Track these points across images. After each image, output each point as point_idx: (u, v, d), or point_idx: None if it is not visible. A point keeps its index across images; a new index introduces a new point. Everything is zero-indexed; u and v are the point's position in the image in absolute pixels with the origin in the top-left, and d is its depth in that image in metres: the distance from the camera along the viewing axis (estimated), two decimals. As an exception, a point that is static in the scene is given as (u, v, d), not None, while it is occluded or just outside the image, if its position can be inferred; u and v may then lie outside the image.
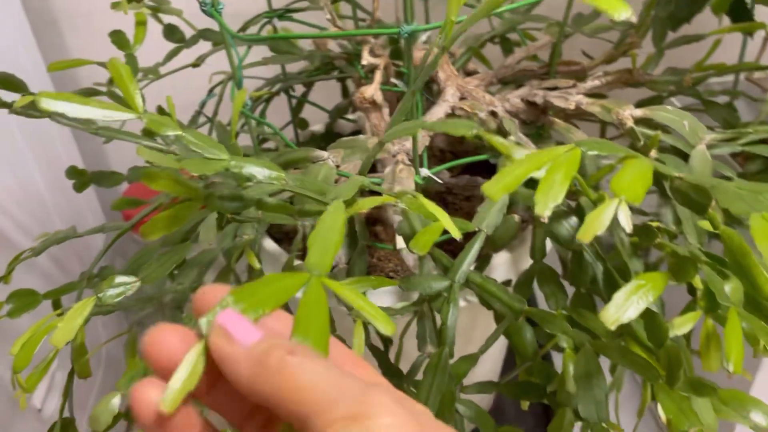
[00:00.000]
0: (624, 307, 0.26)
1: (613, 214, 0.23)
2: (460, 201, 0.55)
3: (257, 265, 0.41)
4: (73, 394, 0.44)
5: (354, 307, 0.24)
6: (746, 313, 0.30)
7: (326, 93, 0.65)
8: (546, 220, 0.23)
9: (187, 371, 0.21)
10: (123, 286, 0.36)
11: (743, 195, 0.24)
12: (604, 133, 0.56)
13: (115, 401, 0.36)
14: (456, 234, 0.31)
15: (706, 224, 0.38)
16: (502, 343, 0.62)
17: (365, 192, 0.39)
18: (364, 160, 0.43)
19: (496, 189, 0.25)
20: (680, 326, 0.31)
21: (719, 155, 0.43)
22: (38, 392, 0.61)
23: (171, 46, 0.57)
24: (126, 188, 0.74)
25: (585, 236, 0.22)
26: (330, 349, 0.21)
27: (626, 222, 0.23)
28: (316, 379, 0.19)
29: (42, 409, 0.61)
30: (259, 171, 0.35)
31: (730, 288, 0.29)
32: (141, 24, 0.49)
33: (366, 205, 0.34)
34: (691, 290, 0.36)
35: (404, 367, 0.41)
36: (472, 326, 0.52)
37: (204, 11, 0.39)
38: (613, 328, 0.25)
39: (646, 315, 0.32)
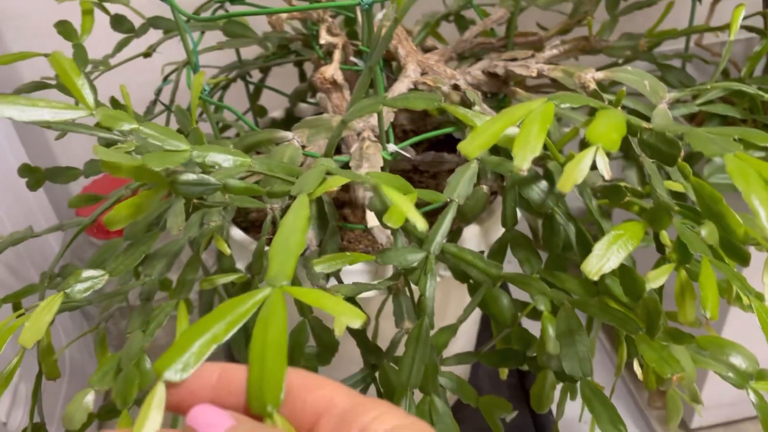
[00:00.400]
0: (605, 256, 0.26)
1: (591, 162, 0.23)
2: (427, 179, 0.55)
3: (228, 251, 0.40)
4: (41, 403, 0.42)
5: (320, 309, 0.23)
6: (718, 261, 0.31)
7: (283, 79, 0.64)
8: (525, 173, 0.23)
9: None
10: (91, 280, 0.35)
11: (714, 138, 0.24)
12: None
13: (89, 398, 0.34)
14: (421, 225, 0.30)
15: (669, 184, 0.38)
16: (474, 318, 0.62)
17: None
18: (329, 141, 0.42)
19: (473, 147, 0.25)
20: (655, 279, 0.31)
21: (675, 118, 0.44)
22: (2, 404, 0.59)
23: (120, 38, 0.55)
24: (85, 185, 0.72)
25: (565, 185, 0.22)
26: (291, 377, 0.22)
27: (605, 168, 0.23)
28: None
29: (7, 423, 0.59)
30: (223, 158, 0.34)
31: (706, 232, 0.29)
32: (87, 13, 0.47)
33: (335, 183, 0.33)
34: (660, 248, 0.36)
35: (382, 347, 0.41)
36: (445, 302, 0.52)
37: (156, -7, 0.38)
38: (595, 278, 0.25)
39: (622, 271, 0.33)
